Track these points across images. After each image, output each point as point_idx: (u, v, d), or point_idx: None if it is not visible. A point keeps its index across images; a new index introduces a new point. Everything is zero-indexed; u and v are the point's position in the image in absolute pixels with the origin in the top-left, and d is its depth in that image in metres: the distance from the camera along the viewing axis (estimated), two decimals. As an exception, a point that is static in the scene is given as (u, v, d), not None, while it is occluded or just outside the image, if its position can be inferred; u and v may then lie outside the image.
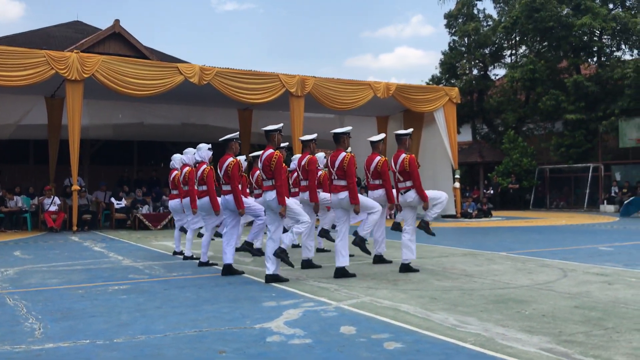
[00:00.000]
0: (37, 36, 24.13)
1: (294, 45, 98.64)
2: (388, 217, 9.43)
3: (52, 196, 15.39)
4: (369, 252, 7.76)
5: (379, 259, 8.32)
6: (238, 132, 8.05)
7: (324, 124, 19.93)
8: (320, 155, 9.06)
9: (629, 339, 4.17)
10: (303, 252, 8.10)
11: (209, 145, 8.39)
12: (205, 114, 20.17)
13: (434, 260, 8.63)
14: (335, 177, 7.27)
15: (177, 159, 9.64)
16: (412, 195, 7.46)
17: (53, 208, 15.14)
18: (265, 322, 4.75)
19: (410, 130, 8.14)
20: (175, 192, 9.59)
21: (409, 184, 7.50)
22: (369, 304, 5.42)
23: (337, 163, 7.21)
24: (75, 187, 14.43)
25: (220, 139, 7.80)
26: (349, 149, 7.54)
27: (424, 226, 7.70)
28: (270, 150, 6.85)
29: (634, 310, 5.07)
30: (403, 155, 7.57)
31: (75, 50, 15.14)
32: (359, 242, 7.44)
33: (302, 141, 8.47)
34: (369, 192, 8.04)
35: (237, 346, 4.05)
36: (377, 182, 7.86)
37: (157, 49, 26.52)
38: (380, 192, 7.83)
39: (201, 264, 8.28)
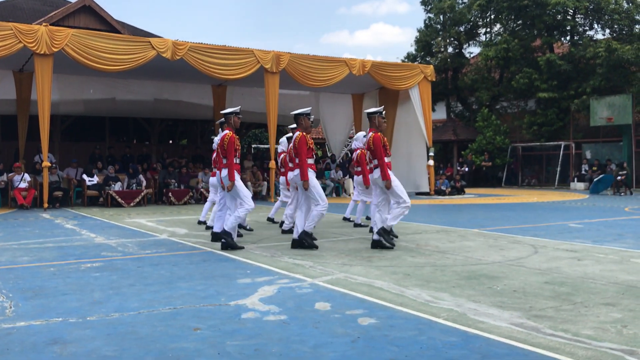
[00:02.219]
0: (3, 8, 23.45)
1: (269, 21, 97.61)
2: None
3: (22, 173, 15.10)
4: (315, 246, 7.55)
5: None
6: (239, 107, 8.16)
7: (299, 101, 19.83)
8: (360, 134, 9.87)
9: (596, 313, 4.27)
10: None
11: None
12: (178, 90, 19.92)
13: (407, 237, 8.71)
14: (293, 155, 7.68)
15: (216, 140, 10.21)
16: (377, 173, 7.58)
17: (23, 185, 14.87)
18: (240, 299, 4.76)
19: (380, 108, 8.19)
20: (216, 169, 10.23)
21: (376, 162, 7.64)
22: (344, 281, 5.46)
23: (292, 142, 7.73)
24: (46, 163, 14.19)
25: (221, 112, 8.26)
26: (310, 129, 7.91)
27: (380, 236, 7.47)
28: (226, 131, 7.54)
29: (602, 286, 5.20)
30: (370, 134, 7.68)
31: (44, 23, 14.75)
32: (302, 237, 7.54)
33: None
34: None
35: (212, 323, 4.05)
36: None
37: (129, 22, 25.97)
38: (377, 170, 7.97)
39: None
